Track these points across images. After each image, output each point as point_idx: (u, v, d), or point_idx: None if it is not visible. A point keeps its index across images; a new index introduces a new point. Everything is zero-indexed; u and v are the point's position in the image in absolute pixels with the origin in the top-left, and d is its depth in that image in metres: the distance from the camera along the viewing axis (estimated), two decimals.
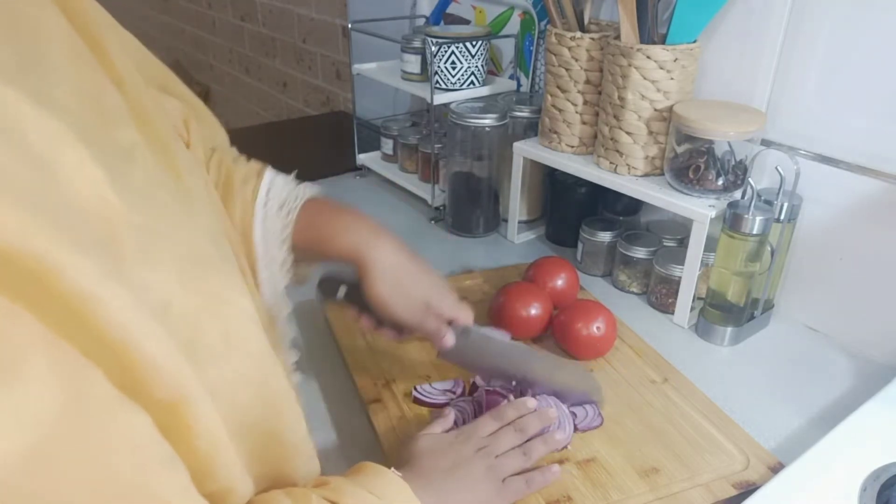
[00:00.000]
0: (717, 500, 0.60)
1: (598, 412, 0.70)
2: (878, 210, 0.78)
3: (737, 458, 0.65)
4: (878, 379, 0.76)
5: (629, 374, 0.77)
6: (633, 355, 0.80)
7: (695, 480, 0.62)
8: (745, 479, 0.62)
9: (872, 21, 0.74)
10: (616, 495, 0.61)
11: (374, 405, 0.71)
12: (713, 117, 0.81)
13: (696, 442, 0.67)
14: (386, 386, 0.74)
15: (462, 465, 0.57)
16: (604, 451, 0.66)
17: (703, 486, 0.62)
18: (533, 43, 1.16)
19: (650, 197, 0.87)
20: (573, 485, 0.62)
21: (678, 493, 0.61)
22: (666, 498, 0.61)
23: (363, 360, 0.78)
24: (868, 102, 0.76)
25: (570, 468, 0.64)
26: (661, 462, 0.65)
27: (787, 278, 0.88)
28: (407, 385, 0.74)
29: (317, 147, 1.59)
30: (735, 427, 0.69)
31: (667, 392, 0.74)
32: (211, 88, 2.71)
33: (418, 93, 1.15)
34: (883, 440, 0.63)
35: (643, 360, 0.80)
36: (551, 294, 0.85)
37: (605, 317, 0.78)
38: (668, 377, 0.77)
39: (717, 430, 0.69)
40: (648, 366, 0.79)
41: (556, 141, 0.99)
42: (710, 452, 0.66)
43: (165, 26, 2.91)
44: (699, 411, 0.71)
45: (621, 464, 0.64)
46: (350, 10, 1.67)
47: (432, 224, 1.17)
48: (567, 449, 0.66)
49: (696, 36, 0.85)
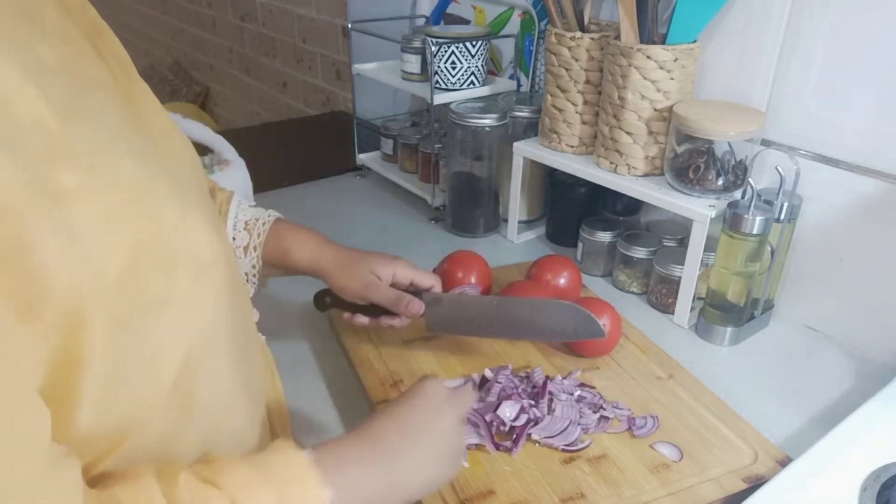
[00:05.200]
0: (728, 494, 0.61)
1: (655, 421, 0.69)
2: (878, 210, 0.78)
3: (745, 453, 0.65)
4: (878, 379, 0.76)
5: (635, 371, 0.77)
6: (639, 352, 0.81)
7: (705, 475, 0.63)
8: (754, 473, 0.63)
9: (872, 21, 0.74)
10: (628, 491, 0.61)
11: (382, 405, 0.71)
12: (713, 117, 0.81)
13: (704, 437, 0.68)
14: (394, 386, 0.74)
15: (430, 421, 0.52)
16: (614, 448, 0.66)
17: (714, 481, 0.62)
18: (533, 43, 1.16)
19: (650, 197, 0.87)
20: (586, 482, 0.62)
21: (689, 487, 0.62)
22: (678, 493, 0.61)
23: (370, 361, 0.78)
24: (868, 102, 0.76)
25: (582, 465, 0.64)
26: (672, 457, 0.65)
27: (787, 278, 0.88)
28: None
29: (317, 147, 1.59)
30: (741, 421, 0.69)
31: (673, 388, 0.75)
32: (211, 88, 2.72)
33: (418, 93, 1.15)
34: (883, 440, 0.63)
35: (648, 357, 0.80)
36: (554, 292, 0.85)
37: (609, 314, 0.78)
38: (674, 373, 0.77)
39: (725, 424, 0.69)
40: (654, 362, 0.79)
41: (556, 141, 0.99)
42: (718, 447, 0.66)
43: (165, 26, 2.91)
44: (706, 407, 0.72)
45: (632, 460, 0.65)
46: (350, 10, 1.67)
47: (432, 224, 1.17)
48: (579, 448, 0.66)
49: (696, 36, 0.85)
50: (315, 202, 1.24)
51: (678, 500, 0.60)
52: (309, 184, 1.32)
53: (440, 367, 0.77)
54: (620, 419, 0.70)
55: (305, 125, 1.86)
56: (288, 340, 0.85)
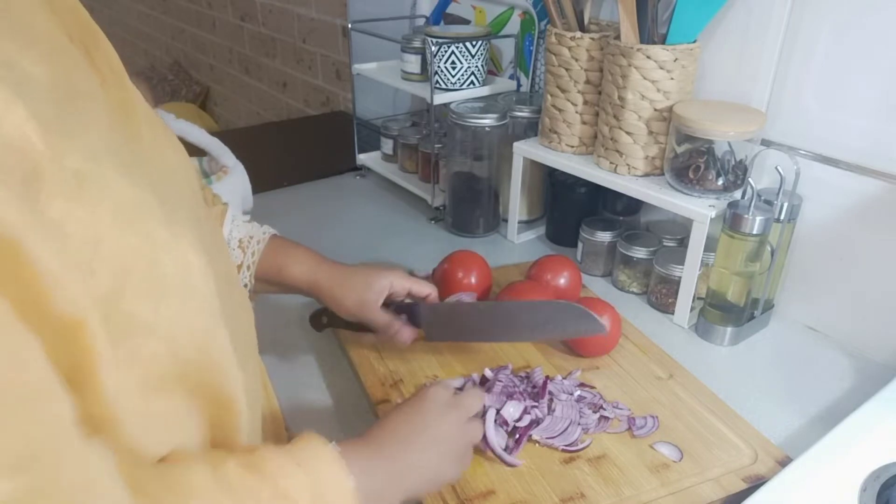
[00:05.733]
0: (728, 494, 0.61)
1: (655, 421, 0.69)
2: (879, 210, 0.78)
3: (745, 453, 0.66)
4: (878, 379, 0.76)
5: (635, 371, 0.77)
6: (638, 352, 0.81)
7: (705, 475, 0.63)
8: (754, 473, 0.63)
9: (872, 21, 0.74)
10: (628, 491, 0.61)
11: (382, 405, 0.71)
12: (713, 117, 0.81)
13: (704, 437, 0.68)
14: (394, 386, 0.74)
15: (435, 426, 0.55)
16: (614, 448, 0.66)
17: (714, 481, 0.62)
18: (533, 43, 1.16)
19: (650, 197, 0.87)
20: (586, 482, 0.62)
21: (689, 487, 0.62)
22: (678, 493, 0.61)
23: (370, 362, 0.78)
24: (868, 102, 0.76)
25: (582, 465, 0.64)
26: (672, 457, 0.65)
27: (787, 278, 0.88)
28: (416, 383, 0.74)
29: (317, 147, 1.59)
30: (741, 421, 0.69)
31: (673, 388, 0.75)
32: (211, 88, 2.72)
33: (418, 93, 1.15)
34: (883, 440, 0.63)
35: (648, 356, 0.80)
36: (555, 292, 0.85)
37: (609, 314, 0.78)
38: (674, 373, 0.77)
39: (724, 424, 0.69)
40: (654, 362, 0.79)
41: (556, 141, 0.99)
42: (718, 447, 0.66)
43: (165, 26, 2.91)
44: (706, 406, 0.72)
45: (632, 460, 0.65)
46: (350, 10, 1.67)
47: (432, 224, 1.17)
48: (579, 448, 0.66)
49: (696, 36, 0.85)
50: (315, 202, 1.24)
51: (678, 499, 0.60)
52: (309, 184, 1.32)
53: (440, 367, 0.77)
54: (620, 419, 0.70)
55: (305, 125, 1.86)
56: (288, 340, 0.85)
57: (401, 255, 1.05)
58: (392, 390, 0.74)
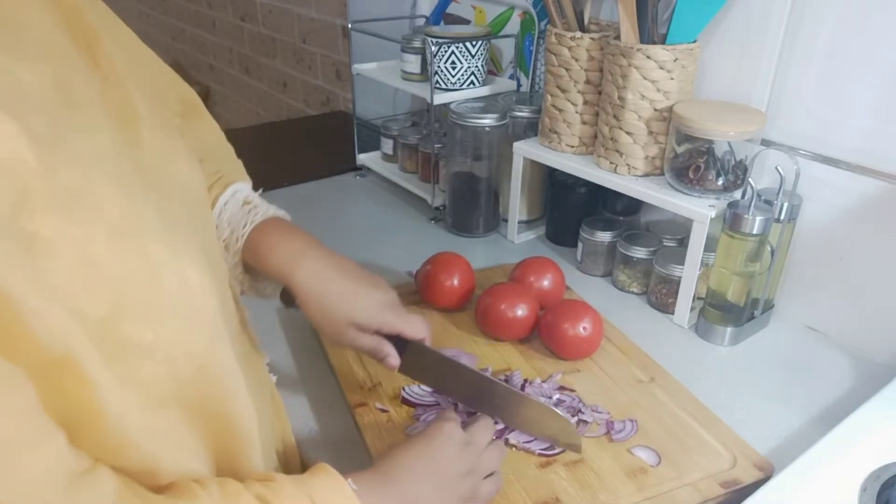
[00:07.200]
0: (706, 499, 0.60)
1: (634, 425, 0.69)
2: (878, 210, 0.78)
3: (724, 457, 0.65)
4: (878, 379, 0.76)
5: (616, 374, 0.77)
6: (620, 355, 0.80)
7: (682, 480, 0.62)
8: (732, 478, 0.62)
9: (872, 21, 0.74)
10: (604, 496, 0.61)
11: (360, 409, 0.70)
12: (713, 117, 0.81)
13: (683, 441, 0.67)
14: (373, 389, 0.74)
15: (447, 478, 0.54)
16: (591, 453, 0.65)
17: (692, 486, 0.62)
18: (533, 43, 1.16)
19: (650, 197, 0.87)
20: (561, 486, 0.61)
21: (667, 492, 0.61)
22: (654, 498, 0.60)
23: (349, 364, 0.77)
24: (868, 102, 0.76)
25: (559, 469, 0.63)
26: (649, 462, 0.65)
27: (787, 278, 0.88)
28: (394, 387, 0.73)
29: (317, 147, 1.59)
30: (721, 425, 0.69)
31: (653, 391, 0.74)
32: (211, 88, 2.71)
33: (418, 93, 1.15)
34: (883, 440, 0.63)
35: (630, 359, 0.79)
36: (538, 294, 0.85)
37: (591, 317, 0.77)
38: (655, 376, 0.76)
39: (704, 428, 0.69)
40: (635, 365, 0.78)
41: (556, 141, 0.99)
42: (697, 451, 0.66)
43: (165, 26, 2.91)
44: (686, 410, 0.71)
45: (609, 464, 0.64)
46: (350, 10, 1.67)
47: (432, 224, 1.17)
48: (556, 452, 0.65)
49: (696, 36, 0.85)
50: (315, 202, 1.24)
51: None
52: (309, 184, 1.32)
53: None
54: (599, 423, 0.69)
55: (305, 125, 1.86)
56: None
57: (401, 255, 1.05)
58: (371, 393, 0.73)
